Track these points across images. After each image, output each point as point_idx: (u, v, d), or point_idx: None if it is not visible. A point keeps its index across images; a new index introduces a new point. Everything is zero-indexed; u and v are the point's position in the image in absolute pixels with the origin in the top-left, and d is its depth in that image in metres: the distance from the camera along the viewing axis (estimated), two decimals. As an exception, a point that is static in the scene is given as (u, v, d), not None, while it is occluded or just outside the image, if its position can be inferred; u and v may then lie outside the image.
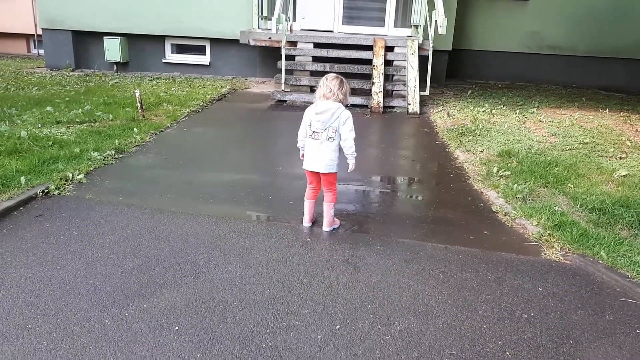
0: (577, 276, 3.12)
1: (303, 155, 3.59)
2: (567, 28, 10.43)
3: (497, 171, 4.81)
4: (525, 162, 5.05)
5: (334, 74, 3.43)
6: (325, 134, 3.38)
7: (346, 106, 3.47)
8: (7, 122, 5.48)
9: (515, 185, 4.37)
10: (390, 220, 3.86)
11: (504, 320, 2.64)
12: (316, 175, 3.55)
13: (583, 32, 10.41)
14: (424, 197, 4.47)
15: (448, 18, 7.72)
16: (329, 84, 3.35)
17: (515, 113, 7.44)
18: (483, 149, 5.59)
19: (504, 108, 7.80)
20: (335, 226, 3.65)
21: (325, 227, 3.61)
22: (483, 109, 7.60)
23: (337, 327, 2.53)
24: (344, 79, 3.40)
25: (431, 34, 7.98)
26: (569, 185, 4.50)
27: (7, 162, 4.26)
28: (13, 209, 3.62)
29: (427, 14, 8.18)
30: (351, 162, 3.53)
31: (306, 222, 3.66)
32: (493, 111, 7.51)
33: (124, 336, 2.40)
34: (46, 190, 3.92)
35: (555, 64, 10.69)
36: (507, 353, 2.39)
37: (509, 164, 5.04)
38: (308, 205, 3.64)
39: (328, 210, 3.58)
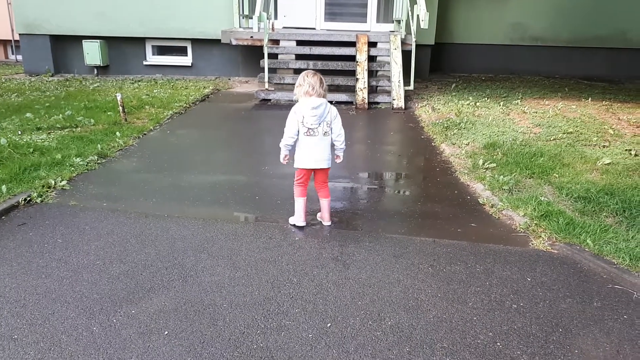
0: (564, 265, 3.14)
1: (286, 156, 3.54)
2: (549, 19, 10.52)
3: (483, 163, 4.83)
4: (510, 154, 5.09)
5: (312, 71, 3.47)
6: (321, 129, 3.41)
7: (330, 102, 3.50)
8: (-14, 130, 5.38)
9: (501, 177, 4.40)
10: (378, 216, 3.86)
11: (493, 311, 2.66)
12: (310, 172, 3.55)
13: (565, 22, 10.51)
14: (411, 192, 4.48)
15: (430, 12, 7.74)
16: (310, 81, 3.36)
17: (500, 105, 7.48)
18: (468, 142, 5.62)
19: (488, 100, 7.84)
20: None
21: (328, 222, 3.63)
22: (467, 102, 7.64)
23: (328, 324, 2.52)
24: (321, 75, 3.42)
25: (413, 28, 8.00)
26: (554, 175, 4.54)
27: (-13, 171, 4.18)
28: (-5, 219, 3.55)
29: (409, 8, 8.19)
30: (342, 154, 3.63)
31: (303, 222, 3.60)
32: (477, 104, 7.55)
33: (113, 343, 2.37)
34: (28, 198, 3.85)
35: (538, 55, 10.78)
36: (498, 344, 2.40)
37: (495, 156, 5.07)
38: (304, 204, 3.59)
39: (329, 206, 3.62)
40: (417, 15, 7.76)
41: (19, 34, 9.89)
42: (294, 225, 3.62)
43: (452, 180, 4.64)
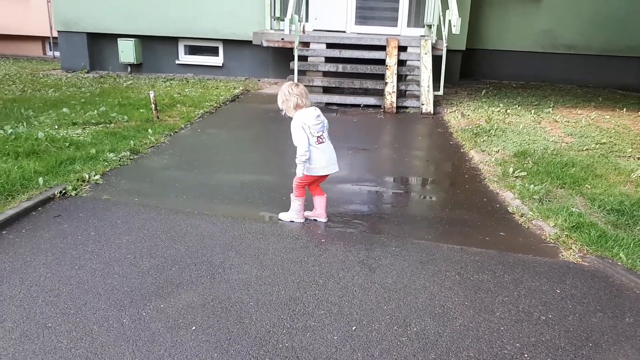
0: (595, 278, 3.08)
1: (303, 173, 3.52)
2: (582, 26, 10.32)
3: (513, 172, 4.76)
4: (541, 163, 5.00)
5: (293, 82, 3.57)
6: (326, 134, 3.52)
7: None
8: (25, 124, 5.55)
9: (532, 186, 4.33)
10: (405, 221, 3.84)
11: (521, 322, 2.62)
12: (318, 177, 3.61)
13: (598, 30, 10.29)
14: (438, 198, 4.45)
15: (462, 17, 7.68)
16: (297, 92, 3.45)
17: (531, 113, 7.38)
18: (498, 150, 5.55)
19: (518, 108, 7.74)
20: None
21: (326, 219, 3.74)
22: (498, 109, 7.54)
23: (353, 328, 2.52)
24: (302, 85, 3.55)
25: (445, 33, 7.94)
26: (586, 186, 4.45)
27: (26, 163, 4.31)
28: (31, 210, 3.66)
29: (441, 13, 8.14)
30: None
31: (303, 218, 3.75)
32: (508, 111, 7.45)
33: (142, 335, 2.42)
34: (63, 191, 3.96)
35: (571, 63, 10.57)
36: (525, 355, 2.37)
37: (525, 165, 4.99)
38: (304, 202, 3.72)
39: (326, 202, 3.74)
40: (449, 21, 7.71)
41: (58, 31, 10.17)
42: (292, 221, 3.71)
43: (481, 187, 4.58)
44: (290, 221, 3.72)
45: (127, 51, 9.83)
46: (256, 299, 2.74)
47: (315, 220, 3.75)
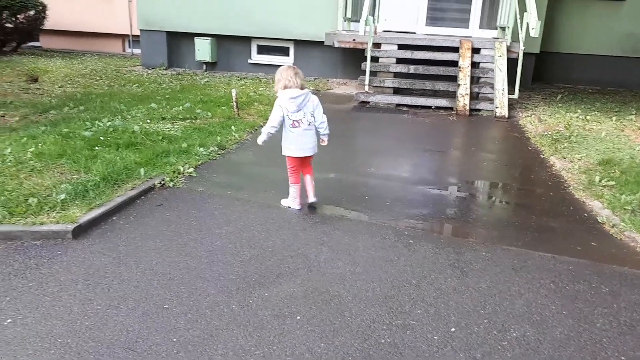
0: (700, 295, 2.98)
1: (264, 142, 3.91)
2: (668, 30, 9.81)
3: (600, 180, 4.64)
4: (630, 172, 4.83)
5: (287, 65, 3.77)
6: (306, 120, 3.78)
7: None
8: (120, 118, 5.92)
9: (623, 196, 4.21)
10: (492, 227, 3.84)
11: (624, 334, 2.58)
12: (299, 159, 3.88)
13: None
14: (523, 204, 4.40)
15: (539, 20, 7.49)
16: (286, 75, 3.68)
17: (612, 120, 7.12)
18: (581, 157, 5.40)
19: (598, 114, 7.48)
20: None
21: (313, 198, 3.94)
22: (576, 115, 7.33)
23: (452, 329, 2.58)
24: (296, 67, 3.74)
25: (522, 36, 7.77)
26: (682, 198, 4.26)
27: (126, 155, 4.61)
28: (136, 198, 3.93)
29: (518, 15, 7.98)
30: (327, 138, 4.13)
31: (299, 205, 3.94)
32: (587, 117, 7.21)
33: (252, 322, 2.58)
34: (162, 182, 4.22)
35: (653, 69, 10.08)
36: (632, 368, 2.35)
37: (612, 174, 4.84)
38: (299, 189, 3.94)
39: (312, 181, 3.97)
40: (527, 23, 7.53)
41: (140, 30, 10.70)
42: (289, 207, 3.94)
43: (566, 195, 4.49)
44: (288, 207, 3.93)
45: (203, 50, 10.22)
46: (353, 294, 2.85)
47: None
